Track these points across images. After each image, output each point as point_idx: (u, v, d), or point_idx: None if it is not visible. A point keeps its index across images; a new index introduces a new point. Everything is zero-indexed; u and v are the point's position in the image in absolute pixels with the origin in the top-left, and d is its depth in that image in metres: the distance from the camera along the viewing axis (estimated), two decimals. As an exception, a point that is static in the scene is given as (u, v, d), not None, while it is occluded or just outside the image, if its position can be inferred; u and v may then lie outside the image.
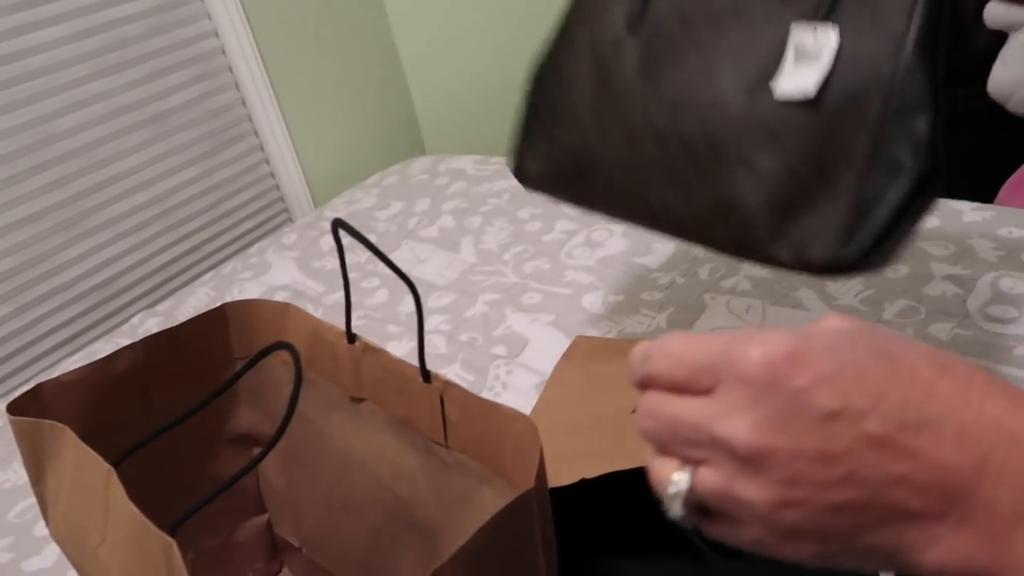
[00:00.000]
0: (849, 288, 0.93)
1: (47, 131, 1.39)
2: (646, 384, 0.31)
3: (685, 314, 0.95)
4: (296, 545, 0.69)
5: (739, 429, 0.26)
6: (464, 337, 1.03)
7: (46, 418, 0.53)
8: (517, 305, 1.08)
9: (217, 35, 1.65)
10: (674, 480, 0.29)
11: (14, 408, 0.52)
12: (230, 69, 1.69)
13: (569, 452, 0.61)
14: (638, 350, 0.31)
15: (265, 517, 0.71)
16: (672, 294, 1.00)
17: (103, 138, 1.47)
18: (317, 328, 0.60)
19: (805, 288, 0.94)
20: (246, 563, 0.70)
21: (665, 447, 0.30)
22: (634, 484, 0.60)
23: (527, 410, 0.84)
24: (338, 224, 0.48)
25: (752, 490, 0.26)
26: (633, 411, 0.62)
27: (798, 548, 0.27)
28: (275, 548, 0.72)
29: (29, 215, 1.38)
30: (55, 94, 1.40)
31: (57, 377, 0.55)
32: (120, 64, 1.49)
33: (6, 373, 1.37)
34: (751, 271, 1.01)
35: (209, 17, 1.63)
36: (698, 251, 1.09)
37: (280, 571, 0.72)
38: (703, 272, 1.04)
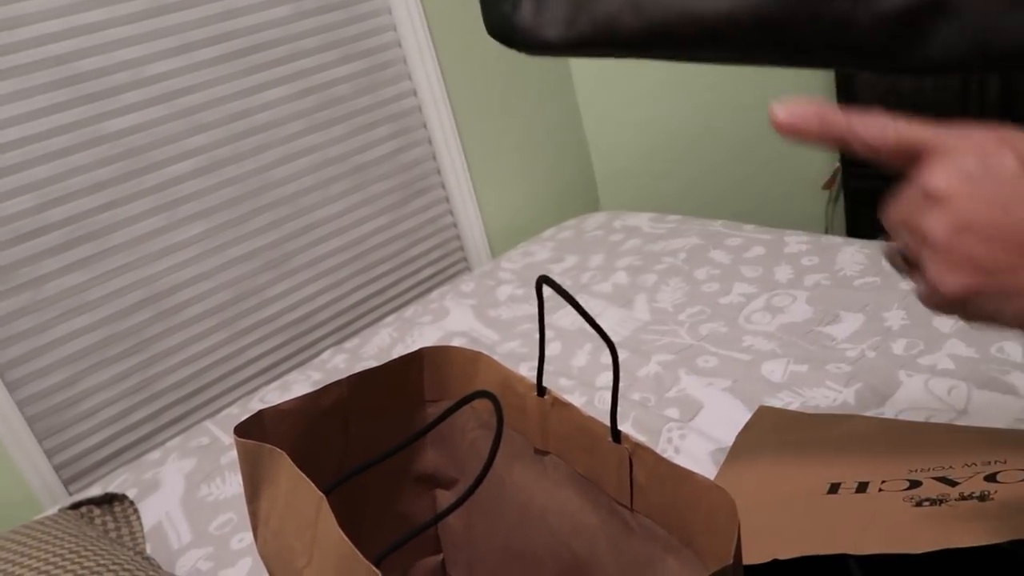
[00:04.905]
0: (1076, 376, 0.83)
1: (264, 180, 1.55)
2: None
3: (876, 391, 0.89)
4: (469, 589, 0.70)
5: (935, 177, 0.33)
6: (636, 396, 1.03)
7: (266, 442, 0.58)
8: (692, 367, 1.06)
9: (415, 94, 1.78)
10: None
11: (240, 431, 0.57)
12: (424, 126, 1.81)
13: (758, 528, 0.59)
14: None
15: (440, 557, 0.74)
16: (861, 368, 0.94)
17: (310, 187, 1.62)
18: (507, 378, 0.62)
19: (1020, 372, 0.86)
20: (420, 600, 0.73)
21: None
22: (828, 569, 0.56)
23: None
24: (543, 280, 0.50)
25: (932, 221, 0.33)
26: (827, 491, 0.59)
27: (961, 278, 0.32)
28: (447, 589, 0.74)
29: (245, 254, 1.53)
30: (274, 147, 1.56)
31: (276, 405, 0.61)
32: (330, 120, 1.64)
33: (216, 394, 1.52)
34: (953, 348, 0.93)
35: (410, 78, 1.76)
36: (892, 322, 1.02)
37: (450, 612, 0.74)
38: (897, 347, 0.97)
